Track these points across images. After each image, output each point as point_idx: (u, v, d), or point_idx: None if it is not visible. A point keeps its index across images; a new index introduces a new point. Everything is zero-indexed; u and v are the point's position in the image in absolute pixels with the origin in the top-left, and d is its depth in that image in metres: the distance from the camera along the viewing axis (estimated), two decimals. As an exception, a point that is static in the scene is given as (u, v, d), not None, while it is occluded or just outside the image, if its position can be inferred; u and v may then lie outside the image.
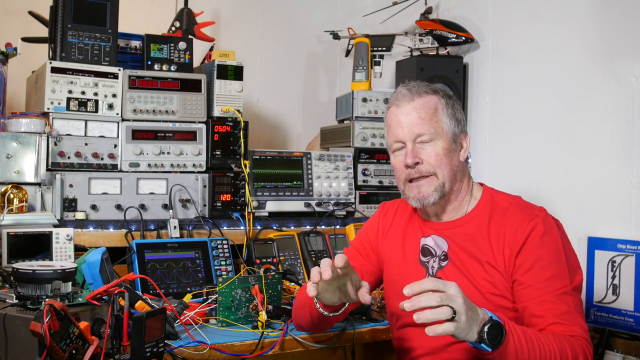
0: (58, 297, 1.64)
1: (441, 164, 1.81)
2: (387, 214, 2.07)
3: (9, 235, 2.17)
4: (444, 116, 1.83)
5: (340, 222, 2.92)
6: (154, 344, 1.56)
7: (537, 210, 1.81)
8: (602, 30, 2.64)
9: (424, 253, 1.91)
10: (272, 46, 3.80)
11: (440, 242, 1.88)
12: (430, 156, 1.81)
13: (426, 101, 1.84)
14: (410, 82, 1.90)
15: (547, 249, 1.73)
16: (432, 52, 3.29)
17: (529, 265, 1.72)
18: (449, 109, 1.85)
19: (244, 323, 2.03)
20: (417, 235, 1.94)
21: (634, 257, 2.46)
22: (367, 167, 3.11)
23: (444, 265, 1.85)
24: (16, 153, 2.38)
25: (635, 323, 2.44)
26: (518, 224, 1.77)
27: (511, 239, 1.76)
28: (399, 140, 1.85)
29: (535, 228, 1.75)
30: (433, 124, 1.81)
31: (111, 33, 2.61)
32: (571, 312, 1.68)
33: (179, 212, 2.66)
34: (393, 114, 1.87)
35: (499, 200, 1.86)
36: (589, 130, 2.68)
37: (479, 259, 1.79)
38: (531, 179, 2.91)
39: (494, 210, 1.84)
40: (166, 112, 2.68)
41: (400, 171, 1.87)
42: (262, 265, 2.53)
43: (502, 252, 1.77)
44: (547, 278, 1.70)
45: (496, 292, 1.76)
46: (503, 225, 1.79)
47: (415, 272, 1.90)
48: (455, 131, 1.85)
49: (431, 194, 1.83)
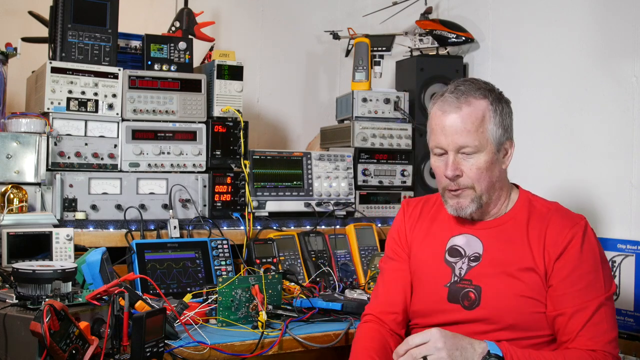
0: (58, 297, 1.65)
1: (480, 178, 1.76)
2: (413, 212, 2.01)
3: (9, 235, 2.16)
4: (490, 125, 1.76)
5: (340, 222, 2.92)
6: (154, 344, 1.56)
7: (578, 218, 1.79)
8: (602, 30, 2.64)
9: (452, 253, 1.86)
10: (272, 46, 3.80)
11: (473, 241, 1.84)
12: (472, 169, 1.76)
13: (474, 110, 1.75)
14: (459, 84, 1.80)
15: (586, 258, 1.72)
16: (432, 52, 3.29)
17: (566, 273, 1.71)
18: (497, 116, 1.77)
19: (244, 323, 2.03)
20: (445, 234, 1.90)
21: (634, 257, 2.46)
22: (367, 167, 3.11)
23: (473, 266, 1.81)
24: (16, 153, 2.38)
25: (635, 323, 2.44)
26: (560, 229, 1.75)
27: (552, 243, 1.74)
28: (441, 146, 1.78)
29: (576, 236, 1.73)
30: (478, 135, 1.74)
31: (111, 33, 2.61)
32: (600, 323, 1.68)
33: (179, 212, 2.66)
34: (438, 118, 1.78)
35: (537, 204, 1.84)
36: (589, 130, 2.68)
37: (515, 261, 1.77)
38: (531, 178, 2.90)
39: (532, 213, 1.81)
40: (166, 112, 2.69)
41: (440, 177, 1.82)
42: (262, 265, 2.53)
43: (542, 256, 1.74)
44: (582, 287, 1.70)
45: (529, 295, 1.74)
46: (544, 228, 1.77)
47: (441, 272, 1.85)
48: (501, 140, 1.78)
49: (468, 205, 1.79)
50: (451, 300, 1.82)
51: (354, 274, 2.71)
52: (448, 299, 1.82)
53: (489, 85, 1.83)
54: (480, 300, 1.78)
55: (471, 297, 1.79)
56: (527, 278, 1.75)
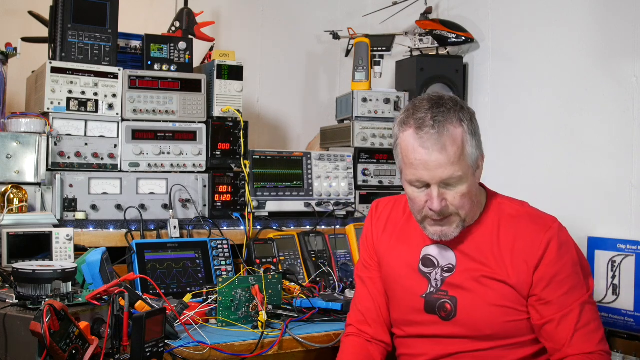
0: (58, 297, 1.65)
1: (465, 204, 1.69)
2: (380, 216, 1.96)
3: (9, 235, 2.17)
4: (469, 148, 1.67)
5: (340, 222, 2.92)
6: (154, 344, 1.56)
7: (549, 221, 1.74)
8: (602, 30, 2.64)
9: (425, 263, 1.82)
10: (272, 46, 3.80)
11: (445, 252, 1.80)
12: (456, 198, 1.68)
13: (454, 137, 1.65)
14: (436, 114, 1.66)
15: (565, 263, 1.70)
16: (432, 52, 3.29)
17: (548, 281, 1.69)
18: (473, 138, 1.68)
19: (244, 323, 2.03)
20: (418, 242, 1.84)
21: (634, 257, 2.45)
22: (367, 167, 3.11)
23: (447, 277, 1.78)
24: (16, 153, 2.38)
25: (635, 323, 2.44)
26: (533, 237, 1.71)
27: (527, 253, 1.70)
28: (422, 180, 1.68)
29: (551, 242, 1.69)
30: (460, 163, 1.65)
31: (111, 33, 2.61)
32: (589, 324, 1.68)
33: (179, 212, 2.66)
34: (419, 154, 1.65)
35: (506, 207, 1.79)
36: (589, 130, 2.68)
37: (486, 271, 1.74)
38: (531, 178, 2.91)
39: (501, 217, 1.77)
40: (166, 112, 2.69)
41: (419, 207, 1.72)
42: (262, 265, 2.53)
43: (515, 266, 1.70)
44: (565, 292, 1.69)
45: (503, 304, 1.72)
46: (514, 235, 1.73)
47: (416, 283, 1.82)
48: (477, 157, 1.71)
49: (453, 231, 1.73)
50: (428, 311, 1.79)
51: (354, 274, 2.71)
52: (425, 309, 1.80)
53: (457, 103, 1.71)
54: (456, 311, 1.76)
55: (447, 308, 1.77)
56: (499, 287, 1.72)
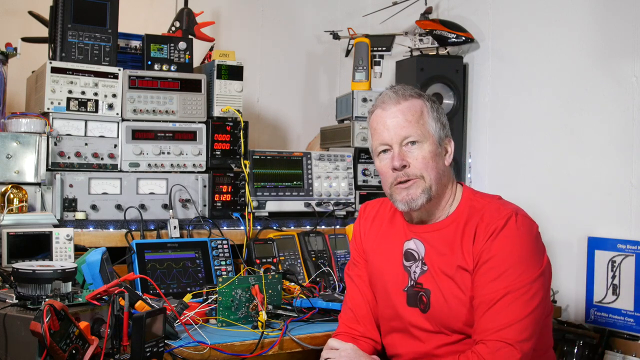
0: (58, 297, 1.64)
1: (428, 167, 1.79)
2: (367, 216, 2.03)
3: (9, 235, 2.17)
4: (430, 119, 1.81)
5: (340, 222, 2.92)
6: (154, 344, 1.56)
7: (505, 210, 1.75)
8: (602, 30, 2.65)
9: (407, 257, 1.88)
10: (272, 46, 3.80)
11: (419, 246, 1.86)
12: (417, 159, 1.79)
13: (412, 104, 1.81)
14: (395, 86, 1.88)
15: (500, 250, 1.70)
16: (432, 52, 3.29)
17: (481, 264, 1.71)
18: (434, 112, 1.83)
19: (244, 323, 2.03)
20: (400, 238, 1.91)
21: (634, 257, 2.46)
22: (367, 167, 3.11)
23: (425, 270, 1.83)
24: (16, 153, 2.38)
25: (635, 323, 2.44)
26: (487, 223, 1.74)
27: (479, 238, 1.74)
28: (385, 142, 1.82)
29: (496, 228, 1.71)
30: (420, 126, 1.79)
31: (111, 33, 2.61)
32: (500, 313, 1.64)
33: (179, 212, 2.66)
34: (379, 116, 1.84)
35: (476, 203, 1.83)
36: (589, 130, 2.68)
37: (450, 263, 1.77)
38: (531, 179, 2.91)
39: (471, 213, 1.80)
40: (166, 112, 2.68)
41: (387, 175, 1.83)
42: (262, 265, 2.53)
43: (470, 254, 1.74)
44: (492, 279, 1.68)
45: (464, 295, 1.74)
46: (475, 224, 1.76)
47: (399, 277, 1.87)
48: (440, 135, 1.82)
49: (419, 196, 1.79)
50: (410, 304, 1.84)
51: (354, 274, 2.71)
52: (407, 303, 1.85)
53: (420, 91, 1.89)
54: (430, 303, 1.80)
55: (424, 300, 1.81)
56: (459, 278, 1.75)
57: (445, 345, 1.78)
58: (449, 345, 1.78)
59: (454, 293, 1.76)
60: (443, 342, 1.79)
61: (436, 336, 1.80)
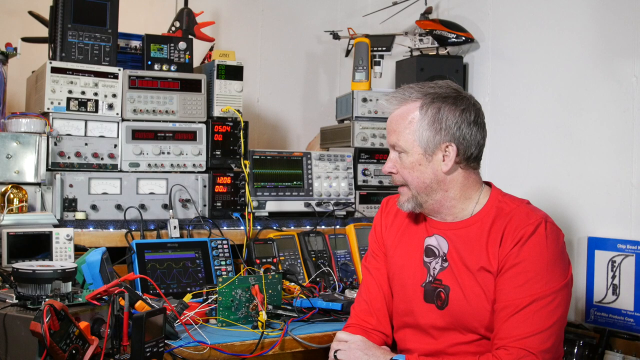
0: (58, 297, 1.65)
1: (409, 177, 1.82)
2: (390, 210, 2.02)
3: (9, 235, 2.17)
4: (418, 128, 1.77)
5: (340, 222, 2.92)
6: (154, 344, 1.56)
7: (535, 216, 1.74)
8: (602, 30, 2.64)
9: (427, 253, 1.87)
10: (272, 46, 3.80)
11: (442, 242, 1.85)
12: (401, 169, 1.83)
13: (405, 111, 1.81)
14: (406, 85, 1.87)
15: (528, 256, 1.69)
16: (432, 52, 3.29)
17: (507, 269, 1.70)
18: (428, 118, 1.77)
19: (244, 323, 2.03)
20: (421, 234, 1.90)
21: (634, 257, 2.46)
22: (367, 167, 3.11)
23: (445, 267, 1.82)
24: (16, 153, 2.38)
25: (635, 323, 2.44)
26: (515, 227, 1.73)
27: (504, 244, 1.73)
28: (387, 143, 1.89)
29: (525, 234, 1.71)
30: (405, 135, 1.79)
31: (111, 33, 2.61)
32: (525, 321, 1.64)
33: (179, 212, 2.66)
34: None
35: (505, 205, 1.81)
36: (589, 130, 2.68)
37: (473, 262, 1.77)
38: (531, 179, 2.91)
39: (498, 214, 1.79)
40: (166, 112, 2.69)
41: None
42: (262, 265, 2.53)
43: (496, 256, 1.73)
44: (519, 285, 1.67)
45: (485, 295, 1.73)
46: (503, 227, 1.75)
47: (418, 272, 1.87)
48: (431, 142, 1.77)
49: (404, 203, 1.86)
50: (427, 300, 1.84)
51: (354, 274, 2.71)
52: (424, 298, 1.84)
53: (435, 88, 1.83)
54: (448, 300, 1.79)
55: (442, 297, 1.81)
56: (483, 279, 1.74)
57: (459, 344, 1.78)
58: (462, 344, 1.77)
59: (474, 291, 1.75)
60: (456, 341, 1.78)
61: (450, 334, 1.79)
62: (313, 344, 1.99)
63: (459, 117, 1.78)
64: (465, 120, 1.79)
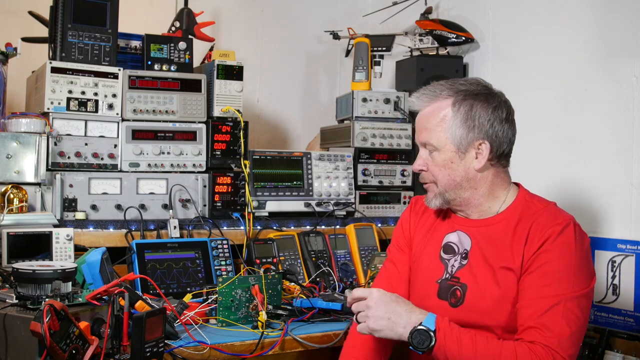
0: (58, 297, 1.65)
1: (439, 175, 1.81)
2: (419, 209, 2.02)
3: (9, 235, 2.17)
4: (451, 125, 1.77)
5: (340, 222, 2.92)
6: (154, 344, 1.56)
7: (562, 217, 1.75)
8: (602, 30, 2.65)
9: (446, 250, 1.87)
10: (272, 46, 3.80)
11: (464, 239, 1.84)
12: (431, 166, 1.82)
13: (437, 108, 1.80)
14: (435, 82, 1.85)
15: (557, 256, 1.68)
16: (432, 52, 3.29)
17: (534, 268, 1.70)
18: (460, 115, 1.76)
19: (244, 323, 2.03)
20: (442, 231, 1.91)
21: (634, 257, 2.46)
22: (367, 167, 3.11)
23: (464, 264, 1.81)
24: (16, 153, 2.38)
25: (635, 323, 2.44)
26: (542, 226, 1.72)
27: (532, 240, 1.72)
28: (418, 141, 1.87)
29: (553, 233, 1.70)
30: (437, 133, 1.78)
31: (111, 33, 2.61)
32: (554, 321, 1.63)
33: (179, 212, 2.66)
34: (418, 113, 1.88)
35: (531, 205, 1.81)
36: (589, 130, 2.68)
37: (496, 261, 1.76)
38: (531, 179, 2.90)
39: (524, 213, 1.78)
40: (166, 112, 2.68)
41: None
42: (262, 265, 2.53)
43: (521, 253, 1.72)
44: (547, 284, 1.67)
45: (506, 295, 1.72)
46: (529, 226, 1.74)
47: (434, 267, 1.87)
48: (464, 140, 1.77)
49: (432, 200, 1.86)
50: (440, 296, 1.84)
51: (354, 274, 2.71)
52: (438, 295, 1.84)
53: (465, 85, 1.82)
54: (464, 298, 1.79)
55: (457, 295, 1.80)
56: (504, 277, 1.74)
57: None
58: None
59: (493, 291, 1.74)
60: None
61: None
62: (313, 344, 1.99)
63: (491, 114, 1.78)
64: (497, 117, 1.79)
